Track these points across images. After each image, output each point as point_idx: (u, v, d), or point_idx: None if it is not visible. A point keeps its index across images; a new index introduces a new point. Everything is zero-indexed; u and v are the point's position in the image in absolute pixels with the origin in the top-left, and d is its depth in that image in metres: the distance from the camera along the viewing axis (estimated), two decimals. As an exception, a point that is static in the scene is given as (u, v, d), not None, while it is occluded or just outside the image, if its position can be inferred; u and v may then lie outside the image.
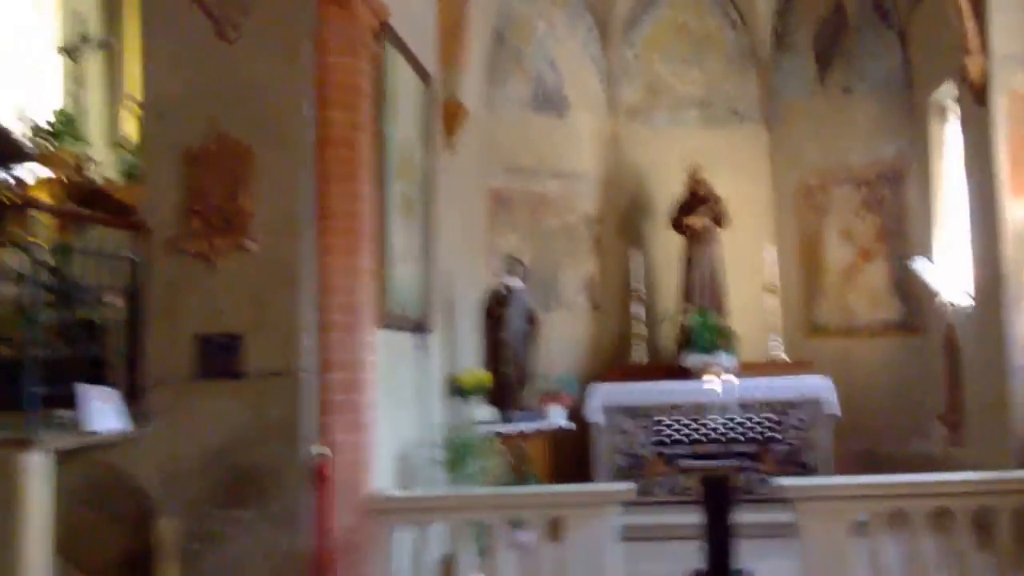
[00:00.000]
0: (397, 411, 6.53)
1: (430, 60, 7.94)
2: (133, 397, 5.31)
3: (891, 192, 10.20)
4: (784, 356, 10.08)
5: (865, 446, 10.10)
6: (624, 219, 11.13)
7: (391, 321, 6.42)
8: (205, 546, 5.20)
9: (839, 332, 10.53)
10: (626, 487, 5.44)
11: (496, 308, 8.27)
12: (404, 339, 6.79)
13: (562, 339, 10.53)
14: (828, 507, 5.37)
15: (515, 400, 8.26)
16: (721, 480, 6.46)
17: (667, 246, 10.74)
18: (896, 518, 5.37)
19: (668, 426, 9.22)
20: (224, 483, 5.26)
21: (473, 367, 8.20)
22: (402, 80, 6.92)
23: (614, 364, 10.53)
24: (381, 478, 5.98)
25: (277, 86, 5.42)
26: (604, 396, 9.41)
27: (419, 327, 6.82)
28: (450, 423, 7.82)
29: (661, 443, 9.04)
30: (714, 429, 6.61)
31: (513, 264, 8.48)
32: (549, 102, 10.72)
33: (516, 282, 8.47)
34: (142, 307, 5.44)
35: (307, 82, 5.44)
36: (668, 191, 10.72)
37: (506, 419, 8.07)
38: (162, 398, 5.34)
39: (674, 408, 9.35)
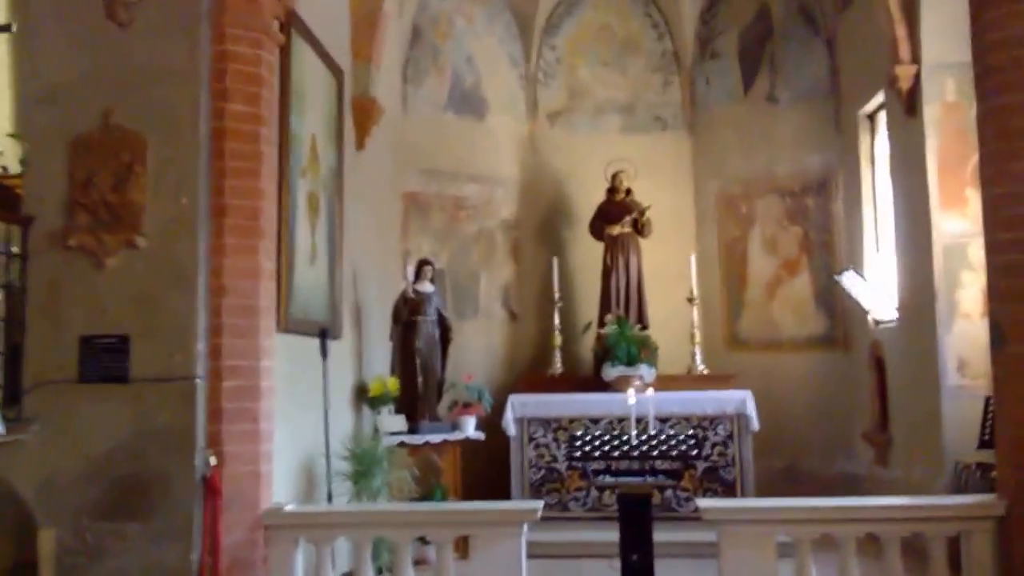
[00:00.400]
0: (299, 420, 6.41)
1: (342, 54, 7.86)
2: (11, 400, 5.12)
3: (816, 204, 10.40)
4: (705, 369, 10.18)
5: (787, 463, 10.27)
6: (543, 225, 11.15)
7: (293, 325, 6.30)
8: (87, 560, 5.02)
9: (762, 346, 10.68)
10: (534, 506, 5.39)
11: (405, 313, 8.17)
12: (308, 345, 6.66)
13: (478, 348, 10.49)
14: (751, 531, 5.37)
15: (425, 410, 8.18)
16: (640, 498, 6.45)
17: (587, 254, 10.78)
18: (824, 543, 5.36)
19: (585, 439, 9.17)
20: (108, 494, 5.08)
21: (382, 375, 8.09)
22: (310, 73, 6.82)
23: (531, 375, 10.51)
24: (280, 491, 5.85)
25: (173, 73, 5.27)
26: (520, 407, 9.39)
27: (325, 332, 6.70)
28: (357, 434, 7.72)
29: (578, 457, 8.97)
30: (633, 444, 6.56)
31: (423, 267, 8.39)
32: (467, 103, 10.69)
33: (426, 286, 8.39)
34: (23, 305, 5.24)
35: (205, 70, 5.31)
36: (589, 198, 10.77)
37: (415, 430, 7.98)
38: (42, 402, 5.14)
39: (592, 421, 9.38)
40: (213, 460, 5.08)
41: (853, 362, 9.89)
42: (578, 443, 6.95)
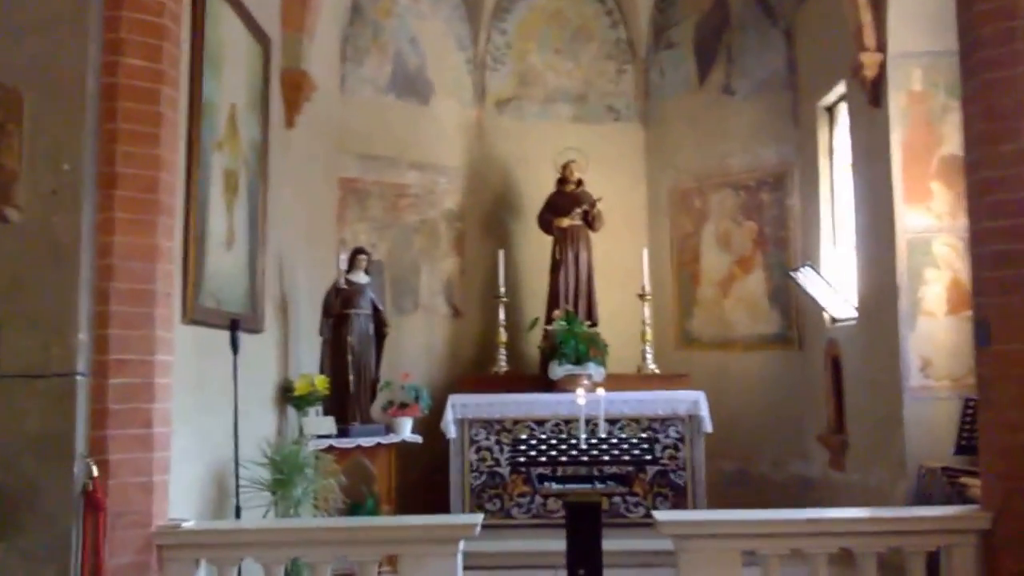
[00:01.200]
0: (209, 423, 5.58)
1: (270, 21, 7.02)
2: None
3: (772, 198, 9.76)
4: (656, 369, 9.49)
5: (738, 466, 9.65)
6: (489, 217, 10.39)
7: (203, 316, 5.47)
8: (-57, 586, 4.18)
9: (714, 344, 10.03)
10: (472, 520, 4.63)
11: (337, 305, 7.35)
12: (221, 338, 5.84)
13: (418, 345, 9.72)
14: (714, 546, 4.66)
15: (357, 411, 7.38)
16: (588, 506, 5.72)
17: (535, 248, 10.05)
18: (792, 558, 4.70)
19: (530, 443, 8.46)
20: (-31, 509, 4.23)
21: (310, 373, 7.27)
22: (230, 36, 5.99)
23: (474, 373, 9.76)
24: (182, 505, 5.04)
25: (56, 19, 4.42)
26: (460, 408, 8.63)
27: (236, 324, 5.88)
28: (280, 437, 6.91)
29: (522, 462, 8.23)
30: (580, 447, 5.83)
31: (357, 256, 7.58)
32: (410, 86, 9.89)
33: (361, 277, 7.58)
34: None
35: (95, 17, 4.46)
36: (537, 189, 10.04)
37: (345, 432, 7.18)
38: None
39: (538, 423, 8.66)
40: (95, 470, 4.24)
41: (808, 362, 9.27)
42: (522, 447, 6.22)
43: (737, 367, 9.82)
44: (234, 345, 5.34)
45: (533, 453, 6.01)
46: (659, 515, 4.87)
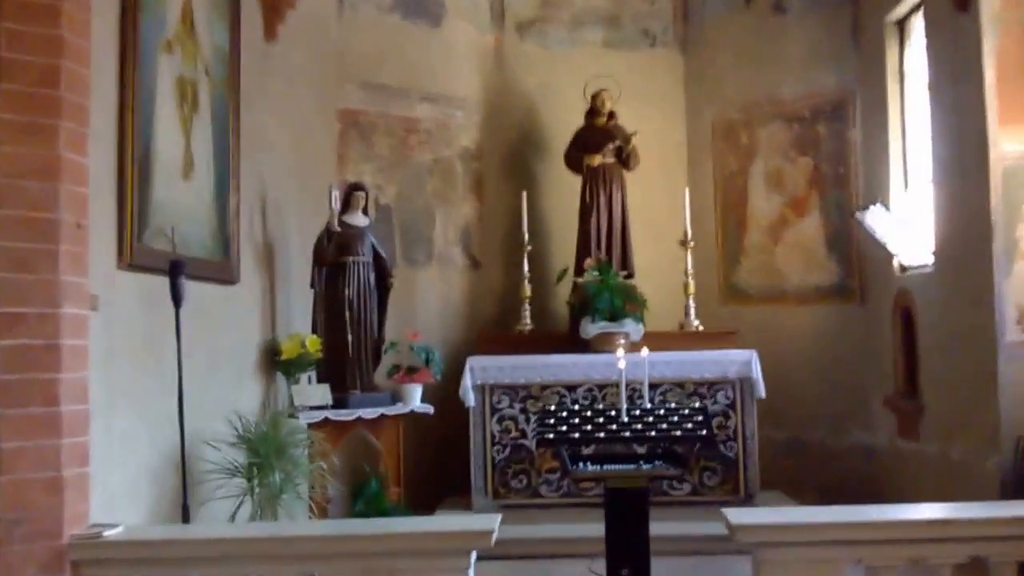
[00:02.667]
0: (162, 398, 4.32)
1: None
2: None
3: (830, 131, 8.34)
4: (700, 325, 8.17)
5: (790, 434, 8.35)
6: (511, 156, 9.04)
7: (149, 260, 4.19)
8: None
9: (763, 297, 8.67)
10: (487, 526, 3.34)
11: (331, 253, 6.06)
12: (187, 288, 4.59)
13: (432, 301, 8.45)
14: (809, 556, 3.39)
15: (357, 377, 6.11)
16: (633, 493, 4.47)
17: (562, 190, 8.71)
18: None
19: (560, 411, 7.24)
20: None
21: (301, 333, 6.00)
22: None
23: (496, 333, 8.46)
24: (122, 506, 3.83)
25: None
26: (480, 372, 7.34)
27: (178, 267, 4.60)
28: (264, 410, 5.67)
29: (551, 438, 7.02)
30: (622, 420, 4.56)
31: (354, 193, 6.28)
32: (419, 6, 8.48)
33: (359, 218, 6.29)
34: None
35: None
36: (564, 124, 8.66)
37: (343, 402, 5.92)
38: None
39: (568, 388, 7.35)
40: (-29, 466, 3.01)
41: (872, 316, 7.90)
42: (551, 420, 4.98)
43: (789, 323, 8.47)
44: (175, 295, 4.03)
45: (564, 428, 4.76)
46: (732, 516, 3.59)
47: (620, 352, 5.21)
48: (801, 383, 8.21)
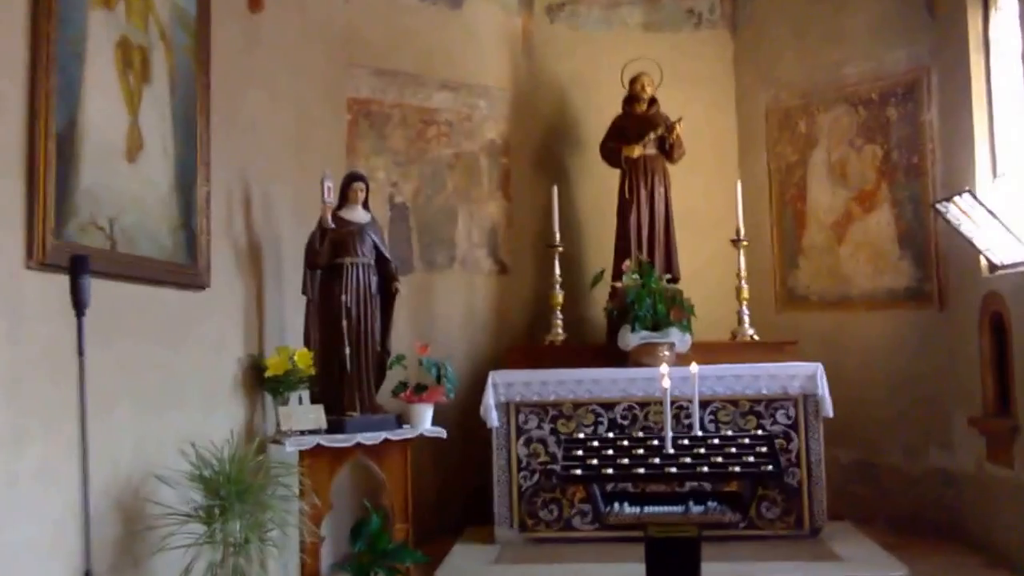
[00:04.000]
0: (100, 424, 3.50)
1: None
2: None
3: (901, 114, 7.34)
4: (755, 334, 7.20)
5: (860, 457, 7.38)
6: (541, 150, 8.15)
7: (73, 256, 3.35)
8: None
9: (827, 303, 7.67)
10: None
11: (325, 253, 5.20)
12: (131, 295, 3.77)
13: (455, 308, 7.60)
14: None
15: (357, 396, 5.23)
16: (681, 543, 3.55)
17: (599, 186, 7.82)
18: None
19: (594, 432, 6.34)
20: None
21: (290, 346, 5.15)
22: None
23: (525, 344, 7.59)
24: (28, 565, 3.01)
25: None
26: (504, 388, 6.46)
27: (80, 263, 3.79)
28: (246, 435, 4.84)
29: (584, 455, 6.09)
30: (667, 451, 3.64)
31: (353, 184, 5.42)
32: (439, -14, 7.67)
33: (358, 213, 5.42)
34: None
35: None
36: (600, 114, 7.77)
37: (339, 426, 5.06)
38: None
39: (605, 406, 6.47)
40: None
41: (953, 322, 6.87)
42: (578, 450, 4.07)
43: (857, 331, 7.46)
44: (76, 299, 3.18)
45: (595, 461, 3.86)
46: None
47: (664, 368, 4.27)
48: (872, 399, 7.22)
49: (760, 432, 4.26)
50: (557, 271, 7.31)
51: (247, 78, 5.18)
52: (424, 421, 5.39)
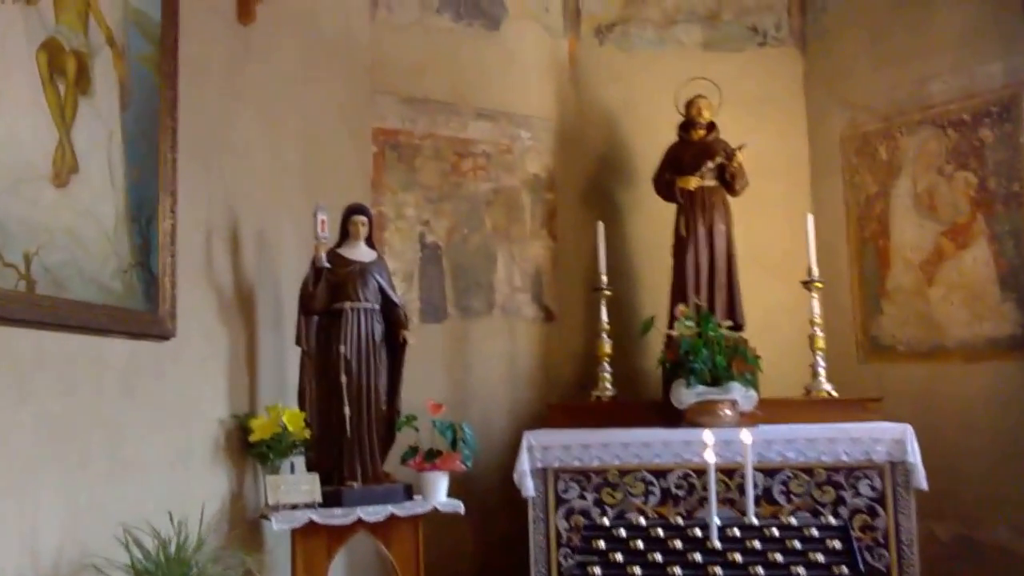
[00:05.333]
0: (14, 501, 2.85)
1: None
2: None
3: (998, 136, 6.40)
4: (833, 390, 6.29)
5: (959, 532, 6.34)
6: (591, 183, 7.40)
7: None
8: None
9: (916, 354, 6.71)
10: None
11: (321, 297, 4.52)
12: (59, 345, 3.13)
13: (494, 360, 6.86)
14: None
15: (358, 462, 4.51)
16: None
17: (654, 223, 7.01)
18: None
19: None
20: None
21: (282, 405, 4.46)
22: None
23: (571, 400, 6.81)
24: None
25: None
26: (541, 452, 5.66)
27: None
28: (228, 514, 4.14)
29: (634, 532, 5.27)
30: (714, 543, 2.82)
31: (353, 218, 4.73)
32: (475, 7, 7.02)
33: (360, 250, 4.73)
34: None
35: None
36: (654, 144, 6.96)
37: (337, 498, 4.34)
38: None
39: (656, 473, 5.62)
40: None
41: (1067, 376, 5.91)
42: (600, 538, 3.27)
43: (953, 387, 6.47)
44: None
45: (621, 556, 3.06)
46: None
47: (708, 438, 3.45)
48: (972, 466, 6.22)
49: (833, 521, 3.40)
50: (604, 318, 6.52)
51: (236, 98, 4.58)
52: (438, 492, 4.63)
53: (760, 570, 2.92)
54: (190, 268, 4.06)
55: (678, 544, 3.02)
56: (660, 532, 3.10)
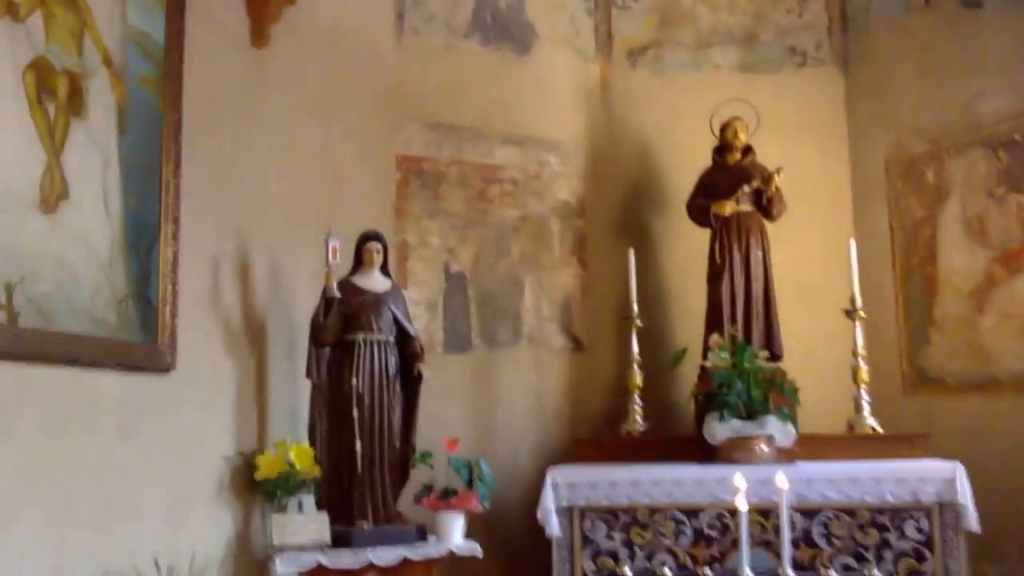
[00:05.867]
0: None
1: None
2: None
3: (1052, 156, 6.12)
4: (877, 425, 5.97)
5: (1007, 572, 5.96)
6: (623, 210, 7.18)
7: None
8: None
9: (966, 386, 6.35)
10: None
11: (332, 328, 4.35)
12: (46, 380, 2.99)
13: (522, 392, 6.63)
14: None
15: (369, 502, 4.31)
16: None
17: (688, 251, 6.75)
18: None
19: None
20: None
21: (290, 441, 4.28)
22: None
23: (601, 434, 6.57)
24: None
25: None
26: (567, 490, 5.41)
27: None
28: (230, 555, 3.96)
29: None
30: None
31: (367, 245, 4.57)
32: (503, 29, 6.86)
33: (374, 279, 4.56)
34: None
35: None
36: (688, 170, 6.73)
37: (347, 539, 4.14)
38: None
39: (687, 512, 5.33)
40: None
41: None
42: (665, 548, 3.03)
43: (1006, 421, 6.09)
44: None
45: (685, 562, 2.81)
46: None
47: (739, 481, 3.20)
48: (1026, 505, 5.88)
49: (877, 572, 3.11)
50: (635, 348, 6.29)
51: (249, 123, 4.46)
52: (453, 534, 4.41)
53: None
54: (194, 298, 3.91)
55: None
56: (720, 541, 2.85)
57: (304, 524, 4.13)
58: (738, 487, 3.19)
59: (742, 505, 3.06)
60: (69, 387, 3.14)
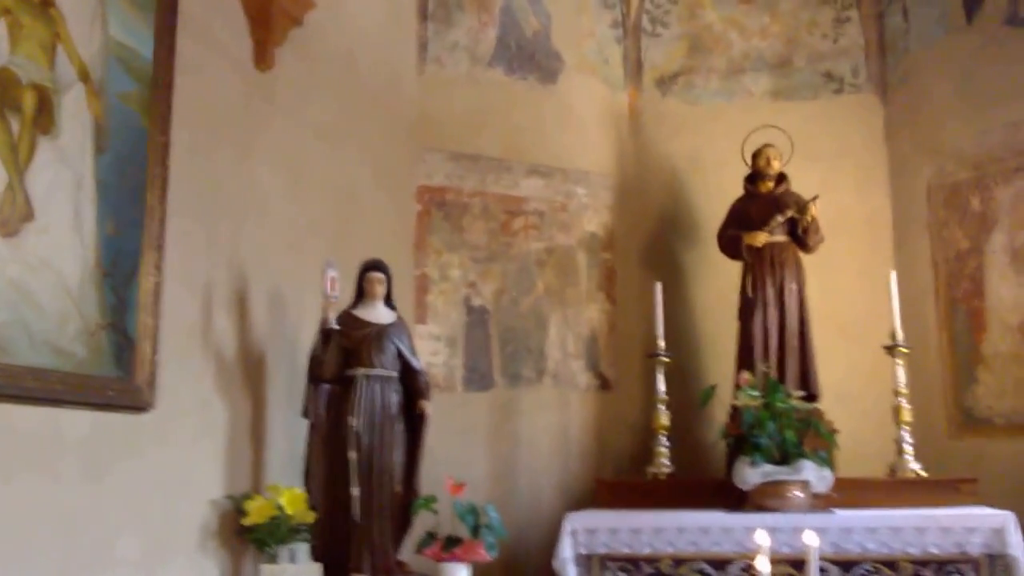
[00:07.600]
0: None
1: None
2: None
3: (1106, 184, 5.67)
4: (921, 469, 5.51)
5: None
6: (652, 242, 6.84)
7: None
8: None
9: (1017, 428, 5.87)
10: None
11: (331, 362, 4.04)
12: (6, 420, 2.73)
13: (545, 432, 6.29)
14: None
15: (368, 551, 3.96)
16: None
17: (720, 284, 6.41)
18: None
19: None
20: None
21: (283, 485, 3.96)
22: None
23: (626, 477, 6.18)
24: None
25: None
26: (585, 537, 5.01)
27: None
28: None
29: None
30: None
31: (369, 275, 4.26)
32: (528, 58, 6.59)
33: (376, 311, 4.24)
34: None
35: None
36: (720, 200, 6.38)
37: (342, 593, 3.80)
38: None
39: (714, 563, 4.91)
40: None
41: None
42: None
43: (1060, 465, 5.65)
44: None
45: None
46: None
47: (762, 538, 2.81)
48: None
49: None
50: (662, 387, 5.89)
51: (251, 148, 4.20)
52: (460, 585, 4.05)
53: None
54: (181, 331, 3.63)
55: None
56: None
57: (301, 574, 3.80)
58: (761, 544, 2.80)
59: (764, 566, 2.67)
60: (28, 427, 2.86)
